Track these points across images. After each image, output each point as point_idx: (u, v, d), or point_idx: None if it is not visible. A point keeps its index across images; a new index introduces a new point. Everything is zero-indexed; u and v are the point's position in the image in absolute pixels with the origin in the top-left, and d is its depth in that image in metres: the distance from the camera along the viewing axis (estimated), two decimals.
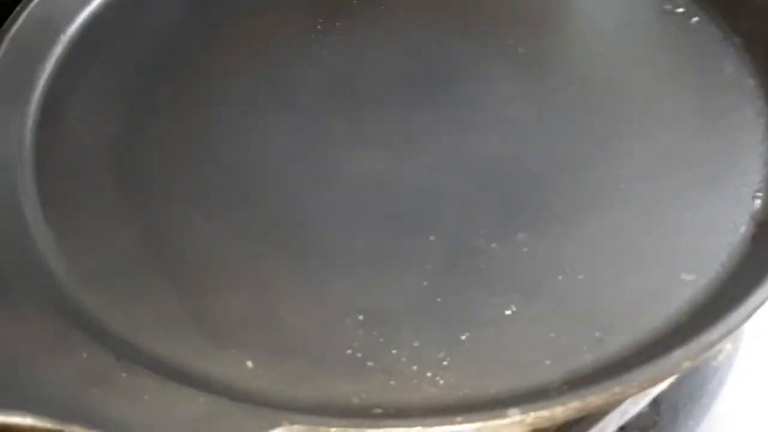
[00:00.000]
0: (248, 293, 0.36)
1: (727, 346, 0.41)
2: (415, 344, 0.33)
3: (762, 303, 0.32)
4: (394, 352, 0.33)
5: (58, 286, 0.36)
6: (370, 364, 0.33)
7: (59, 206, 0.39)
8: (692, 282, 0.35)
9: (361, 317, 0.35)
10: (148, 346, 0.33)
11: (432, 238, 0.37)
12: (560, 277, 0.36)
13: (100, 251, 0.37)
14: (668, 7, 0.47)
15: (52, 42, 0.46)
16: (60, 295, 0.36)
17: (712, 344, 0.31)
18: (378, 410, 0.31)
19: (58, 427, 0.29)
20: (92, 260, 0.37)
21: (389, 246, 0.37)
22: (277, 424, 0.29)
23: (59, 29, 0.46)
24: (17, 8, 0.45)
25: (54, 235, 0.38)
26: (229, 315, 0.35)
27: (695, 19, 0.46)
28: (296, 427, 0.29)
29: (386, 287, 0.36)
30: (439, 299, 0.35)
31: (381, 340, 0.33)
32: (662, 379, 0.32)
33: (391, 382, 0.32)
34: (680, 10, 0.47)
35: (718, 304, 0.34)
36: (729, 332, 0.32)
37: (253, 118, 0.43)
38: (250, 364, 0.33)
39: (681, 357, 0.30)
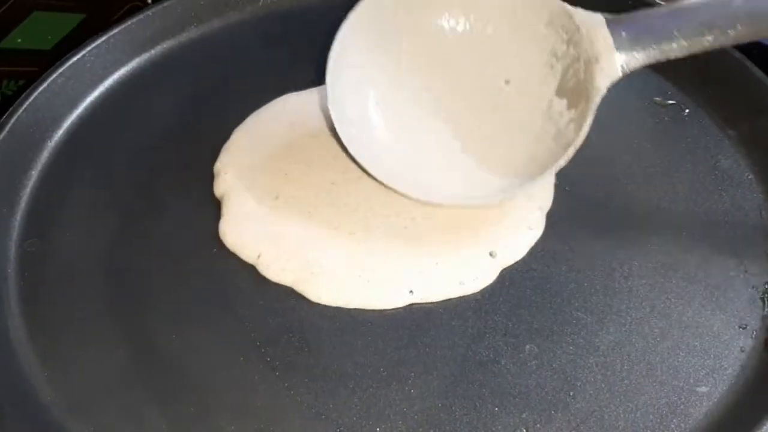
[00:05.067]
0: (247, 420, 0.34)
1: None
2: None
3: None
4: None
5: (44, 413, 0.35)
6: None
7: (45, 326, 0.38)
8: (708, 394, 0.34)
9: None
10: None
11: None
12: (572, 393, 0.34)
13: (88, 375, 0.36)
14: (659, 99, 0.47)
15: (38, 149, 0.45)
16: (46, 423, 0.34)
17: None
18: None
19: None
20: (79, 386, 0.35)
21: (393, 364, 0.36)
22: None
23: (46, 136, 0.45)
24: (4, 115, 0.44)
25: (40, 359, 0.36)
26: None
27: (687, 111, 0.46)
28: None
29: (391, 408, 0.34)
30: (447, 420, 0.34)
31: None
32: None
33: None
34: (671, 102, 0.47)
35: (735, 420, 0.33)
36: None
37: None
38: None
39: None
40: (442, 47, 0.42)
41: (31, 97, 0.45)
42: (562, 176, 0.42)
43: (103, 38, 0.48)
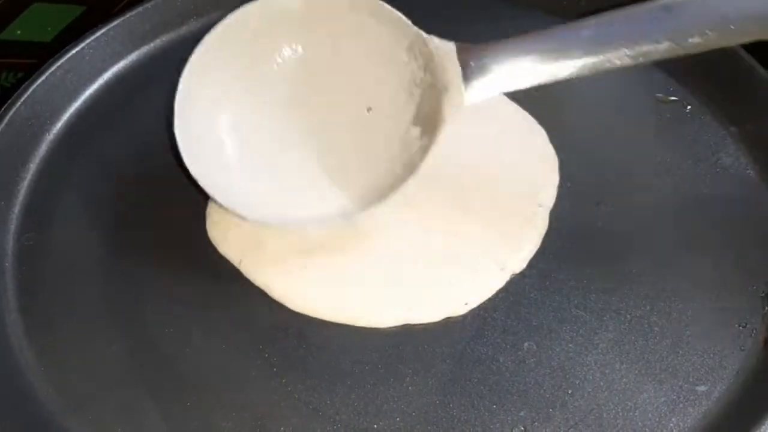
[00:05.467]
0: (244, 416, 0.34)
1: None
2: None
3: None
4: None
5: (40, 409, 0.35)
6: None
7: (42, 321, 0.37)
8: (707, 393, 0.34)
9: None
10: None
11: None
12: (570, 392, 0.34)
13: (85, 371, 0.36)
14: (661, 95, 0.46)
15: (37, 142, 0.44)
16: (44, 418, 0.34)
17: None
18: None
19: None
20: (76, 382, 0.35)
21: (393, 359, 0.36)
22: None
23: (44, 129, 0.45)
24: (2, 108, 0.43)
25: (37, 354, 0.36)
26: None
27: (689, 107, 0.46)
28: None
29: (389, 405, 0.34)
30: (444, 418, 0.34)
31: None
32: None
33: None
34: (673, 98, 0.46)
35: (735, 419, 0.33)
36: None
37: None
38: None
39: None
40: (303, 72, 0.40)
41: (30, 90, 0.44)
42: (562, 174, 0.42)
43: (103, 31, 0.48)
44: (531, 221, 0.40)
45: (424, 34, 0.37)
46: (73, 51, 0.47)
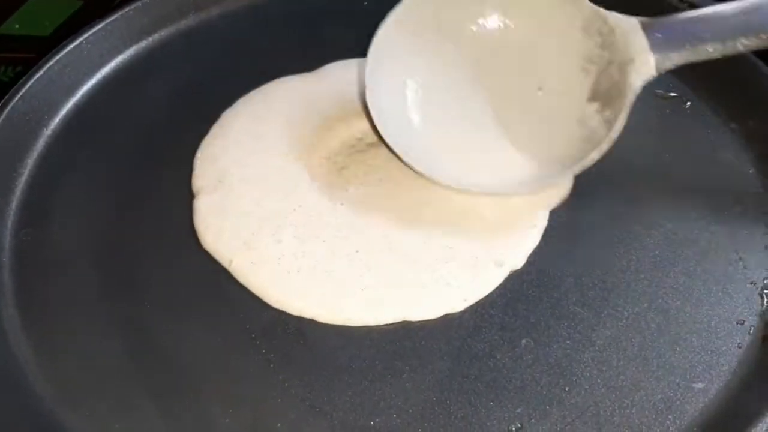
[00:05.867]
0: (241, 412, 0.34)
1: None
2: None
3: None
4: None
5: (37, 404, 0.35)
6: None
7: (39, 316, 0.37)
8: (704, 391, 0.34)
9: None
10: None
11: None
12: (567, 388, 0.34)
13: (81, 366, 0.36)
14: (660, 91, 0.46)
15: (34, 137, 0.44)
16: (40, 414, 0.34)
17: None
18: None
19: None
20: (73, 376, 0.35)
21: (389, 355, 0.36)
22: None
23: (42, 123, 0.45)
24: (0, 102, 0.43)
25: (33, 349, 0.36)
26: None
27: (689, 103, 0.46)
28: None
29: (386, 402, 0.34)
30: (441, 415, 0.33)
31: None
32: None
33: None
34: (673, 94, 0.46)
35: (732, 416, 0.33)
36: None
37: None
38: None
39: None
40: (480, 48, 0.43)
41: (28, 84, 0.44)
42: None
43: (101, 25, 0.48)
44: (531, 218, 0.40)
45: (603, 11, 0.39)
46: (72, 45, 0.47)
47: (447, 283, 0.37)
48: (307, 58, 0.47)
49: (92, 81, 0.47)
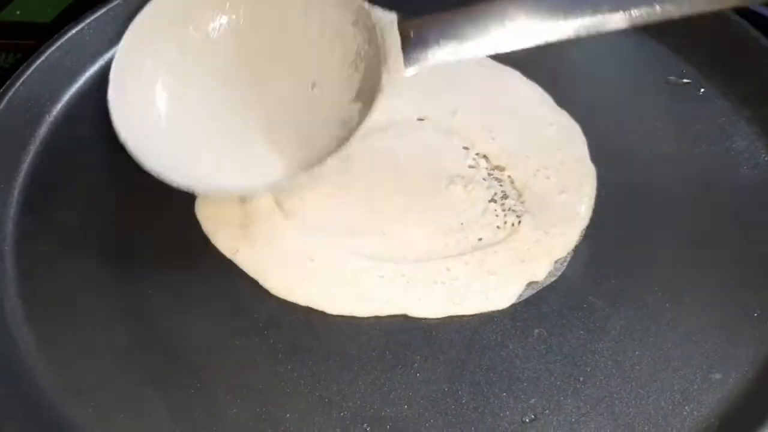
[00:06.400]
0: (249, 403, 0.33)
1: None
2: None
3: None
4: None
5: (40, 394, 0.34)
6: None
7: (42, 305, 0.37)
8: (721, 381, 0.33)
9: (367, 427, 0.32)
10: None
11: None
12: (582, 379, 0.34)
13: (86, 356, 0.35)
14: (673, 78, 0.45)
15: (36, 124, 0.44)
16: (43, 406, 0.33)
17: None
18: None
19: None
20: (77, 367, 0.35)
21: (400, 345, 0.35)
22: None
23: (44, 110, 0.44)
24: (1, 89, 0.43)
25: (36, 339, 0.36)
26: (227, 428, 0.33)
27: (702, 90, 0.45)
28: None
29: (396, 392, 0.33)
30: (453, 405, 0.33)
31: None
32: None
33: None
34: (686, 81, 0.45)
35: (749, 407, 0.32)
36: None
37: None
38: None
39: None
40: (244, 45, 0.40)
41: (29, 71, 0.44)
42: None
43: (103, 11, 0.47)
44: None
45: (367, 5, 0.37)
46: (73, 31, 0.46)
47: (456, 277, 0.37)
48: None
49: (94, 67, 0.47)
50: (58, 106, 0.45)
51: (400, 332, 0.35)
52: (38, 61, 0.44)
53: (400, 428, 0.32)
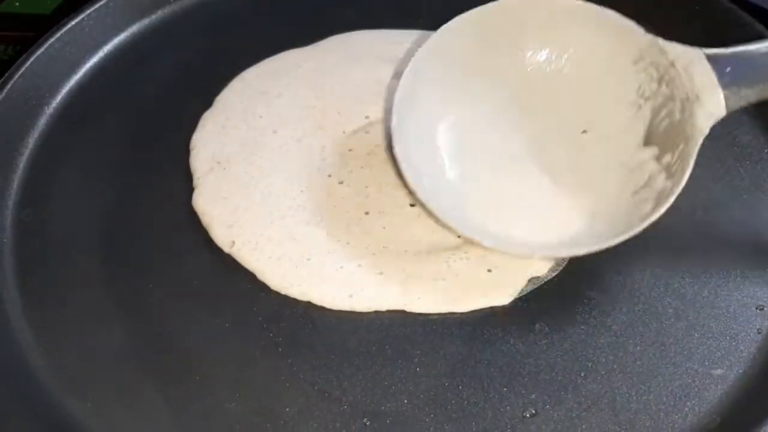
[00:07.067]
0: (248, 397, 0.33)
1: None
2: None
3: None
4: None
5: (38, 389, 0.34)
6: None
7: (41, 299, 0.36)
8: (723, 377, 0.33)
9: (367, 421, 0.32)
10: None
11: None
12: (583, 374, 0.33)
13: (84, 351, 0.35)
14: None
15: (35, 116, 0.43)
16: (41, 400, 0.33)
17: None
18: None
19: None
20: (75, 361, 0.34)
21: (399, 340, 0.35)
22: None
23: (43, 102, 0.44)
24: (0, 81, 0.42)
25: (35, 333, 0.35)
26: (227, 423, 0.32)
27: None
28: None
29: (396, 387, 0.33)
30: (453, 400, 0.33)
31: None
32: None
33: None
34: None
35: (751, 403, 0.32)
36: None
37: None
38: None
39: None
40: (518, 84, 0.39)
41: (28, 63, 0.43)
42: None
43: (103, 2, 0.47)
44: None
45: (661, 41, 0.35)
46: (73, 23, 0.45)
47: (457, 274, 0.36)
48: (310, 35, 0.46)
49: (94, 59, 0.46)
50: (58, 99, 0.44)
51: (400, 326, 0.35)
52: (37, 53, 0.44)
53: (400, 422, 0.32)
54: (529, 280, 0.36)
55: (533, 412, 0.32)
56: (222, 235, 0.38)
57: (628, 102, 0.36)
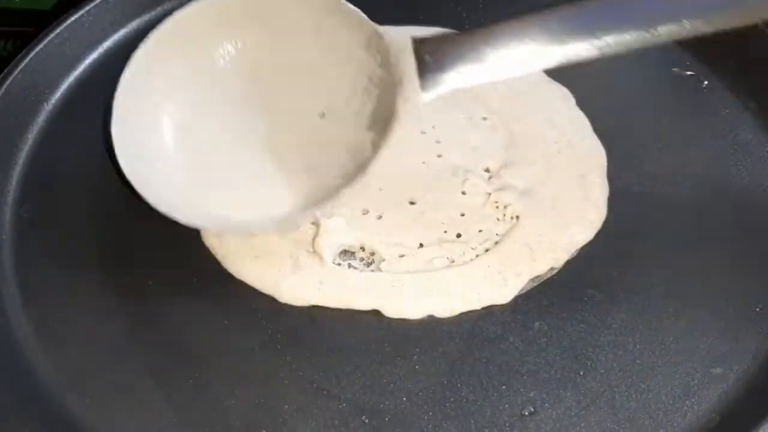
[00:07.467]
0: (247, 394, 0.33)
1: None
2: None
3: None
4: None
5: (38, 385, 0.34)
6: None
7: (40, 295, 0.37)
8: (722, 376, 0.33)
9: (365, 419, 0.32)
10: None
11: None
12: (582, 373, 0.33)
13: (84, 346, 0.35)
14: (677, 69, 0.45)
15: (34, 112, 0.43)
16: (41, 396, 0.33)
17: None
18: None
19: None
20: (75, 357, 0.34)
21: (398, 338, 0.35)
22: None
23: (42, 98, 0.44)
24: None
25: (35, 329, 0.35)
26: (226, 419, 0.32)
27: (706, 82, 0.44)
28: None
29: (395, 384, 0.33)
30: (452, 398, 0.33)
31: None
32: None
33: None
34: (690, 73, 0.45)
35: (751, 402, 0.32)
36: None
37: None
38: None
39: None
40: (252, 73, 0.39)
41: (27, 58, 0.43)
42: None
43: None
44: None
45: (379, 28, 0.36)
46: (72, 19, 0.45)
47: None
48: None
49: (93, 55, 0.46)
50: (57, 94, 0.44)
51: (399, 325, 0.35)
52: (37, 49, 0.44)
53: (398, 420, 0.32)
54: (529, 279, 0.36)
55: (532, 410, 0.32)
56: (216, 245, 0.38)
57: (361, 87, 0.37)
